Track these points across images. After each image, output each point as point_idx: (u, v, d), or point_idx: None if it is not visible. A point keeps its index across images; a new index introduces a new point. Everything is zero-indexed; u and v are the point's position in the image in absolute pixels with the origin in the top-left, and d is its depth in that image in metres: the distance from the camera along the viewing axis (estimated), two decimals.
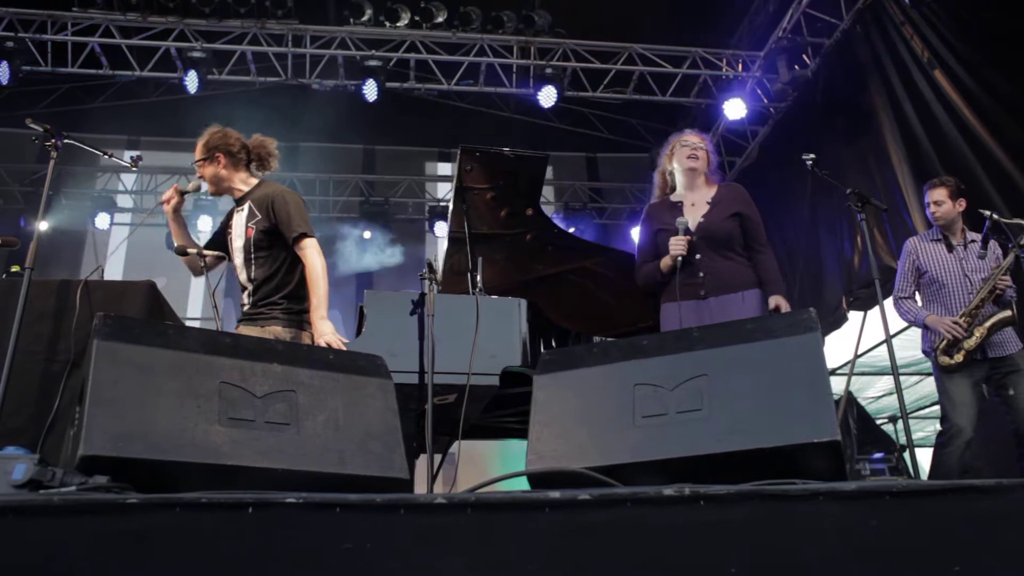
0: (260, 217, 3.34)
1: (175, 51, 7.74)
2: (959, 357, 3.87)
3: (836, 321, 7.05)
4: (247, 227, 3.37)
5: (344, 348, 2.97)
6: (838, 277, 7.19)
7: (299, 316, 3.30)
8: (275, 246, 3.34)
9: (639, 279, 3.60)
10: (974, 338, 3.85)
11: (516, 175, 3.82)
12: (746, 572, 1.28)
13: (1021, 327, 3.95)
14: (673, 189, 3.65)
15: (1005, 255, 3.95)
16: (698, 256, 3.36)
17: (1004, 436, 4.06)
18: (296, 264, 3.32)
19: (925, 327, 4.05)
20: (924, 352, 4.11)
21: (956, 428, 3.80)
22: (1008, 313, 3.84)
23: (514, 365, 3.22)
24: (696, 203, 3.50)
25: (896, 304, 4.21)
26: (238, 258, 3.43)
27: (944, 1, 6.09)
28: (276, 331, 3.24)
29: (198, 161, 3.45)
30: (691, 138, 3.66)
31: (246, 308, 3.36)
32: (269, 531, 1.26)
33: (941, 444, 3.85)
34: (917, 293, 4.22)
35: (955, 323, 3.89)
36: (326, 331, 3.04)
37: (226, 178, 3.45)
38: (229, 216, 3.54)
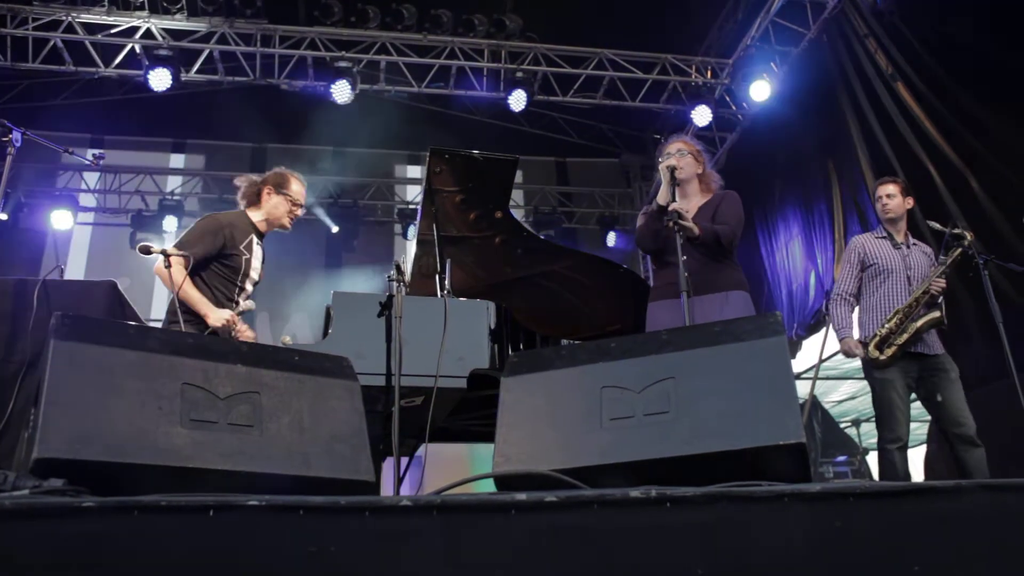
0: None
1: (141, 49, 7.61)
2: (889, 352, 3.94)
3: (816, 325, 7.14)
4: (263, 262, 3.76)
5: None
6: (819, 282, 7.28)
7: None
8: None
9: (640, 232, 3.62)
10: (905, 335, 3.93)
11: (486, 178, 3.81)
12: (712, 573, 1.29)
13: (947, 331, 4.04)
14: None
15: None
16: (684, 258, 3.37)
17: None
18: None
19: (841, 340, 4.16)
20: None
21: (894, 435, 3.85)
22: (937, 314, 3.94)
23: (482, 367, 3.21)
24: (689, 210, 3.49)
25: (833, 301, 4.28)
26: (249, 285, 3.71)
27: (906, 15, 6.21)
28: None
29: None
30: (670, 147, 3.61)
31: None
32: (231, 534, 1.23)
33: (884, 451, 3.89)
34: (860, 289, 4.27)
35: (861, 344, 4.06)
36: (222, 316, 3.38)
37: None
38: (249, 245, 3.69)
